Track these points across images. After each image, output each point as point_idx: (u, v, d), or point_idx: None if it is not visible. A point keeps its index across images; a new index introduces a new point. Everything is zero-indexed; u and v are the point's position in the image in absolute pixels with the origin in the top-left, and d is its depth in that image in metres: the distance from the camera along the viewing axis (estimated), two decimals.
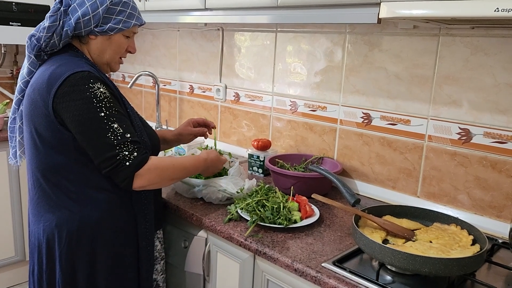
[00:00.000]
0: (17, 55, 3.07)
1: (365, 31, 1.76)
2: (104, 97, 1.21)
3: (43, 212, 1.31)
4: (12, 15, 2.64)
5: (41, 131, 1.25)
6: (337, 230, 1.45)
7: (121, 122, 1.23)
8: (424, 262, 1.07)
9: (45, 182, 1.29)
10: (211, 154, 1.51)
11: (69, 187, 1.28)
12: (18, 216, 2.61)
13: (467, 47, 1.50)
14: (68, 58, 1.29)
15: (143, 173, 1.23)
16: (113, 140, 1.20)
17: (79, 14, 1.27)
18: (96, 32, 1.31)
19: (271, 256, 1.27)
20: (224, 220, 1.45)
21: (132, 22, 1.36)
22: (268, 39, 2.14)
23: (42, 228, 1.31)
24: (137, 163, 1.22)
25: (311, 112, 2.00)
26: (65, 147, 1.25)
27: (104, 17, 1.30)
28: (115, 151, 1.20)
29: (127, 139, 1.22)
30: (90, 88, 1.20)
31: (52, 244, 1.31)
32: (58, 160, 1.26)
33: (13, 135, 1.46)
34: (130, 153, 1.21)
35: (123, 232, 1.35)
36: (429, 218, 1.37)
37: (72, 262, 1.31)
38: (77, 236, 1.29)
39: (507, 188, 1.47)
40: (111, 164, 1.20)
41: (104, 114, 1.20)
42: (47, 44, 1.29)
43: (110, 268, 1.34)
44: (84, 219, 1.29)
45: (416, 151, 1.67)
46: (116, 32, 1.34)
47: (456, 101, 1.55)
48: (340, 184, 1.50)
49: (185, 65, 2.62)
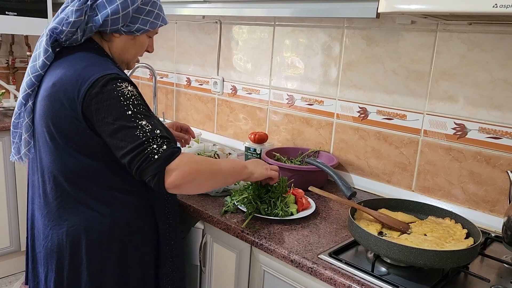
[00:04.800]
0: (13, 45, 3.06)
1: (363, 26, 1.77)
2: (132, 95, 1.16)
3: (67, 216, 1.24)
4: (9, 4, 2.62)
5: (66, 133, 1.19)
6: (333, 222, 1.47)
7: (149, 119, 1.17)
8: (419, 254, 1.09)
9: (70, 186, 1.23)
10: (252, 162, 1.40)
11: (98, 190, 1.23)
12: (13, 206, 2.61)
13: (464, 43, 1.52)
14: (94, 57, 1.23)
15: (175, 167, 1.13)
16: (141, 136, 1.13)
17: (108, 12, 1.21)
18: (122, 31, 1.26)
19: (268, 248, 1.29)
20: (221, 212, 1.46)
21: (159, 23, 1.32)
22: (266, 32, 2.14)
23: (66, 232, 1.24)
24: (166, 155, 1.13)
25: (308, 106, 2.01)
26: (93, 151, 1.20)
27: (133, 17, 1.25)
28: (143, 146, 1.12)
29: (157, 134, 1.15)
30: (118, 87, 1.15)
31: (77, 248, 1.24)
32: (85, 164, 1.21)
33: (17, 131, 1.36)
34: (159, 146, 1.13)
35: (147, 234, 1.32)
36: (424, 212, 1.39)
37: (102, 265, 1.25)
38: (108, 238, 1.25)
39: (500, 183, 1.49)
40: (140, 159, 1.12)
41: (132, 112, 1.14)
42: (68, 38, 1.23)
43: (138, 271, 1.31)
44: (115, 222, 1.25)
45: (411, 146, 1.69)
46: (142, 33, 1.30)
47: (452, 97, 1.57)
48: (336, 177, 1.51)
49: (182, 57, 2.62)
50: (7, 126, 2.48)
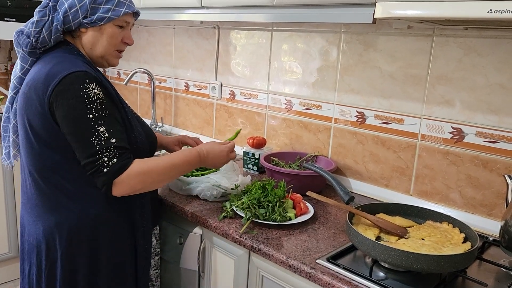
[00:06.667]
0: (12, 50, 3.06)
1: (360, 30, 1.78)
2: (97, 98, 1.19)
3: (42, 213, 1.29)
4: (7, 10, 2.63)
5: (37, 130, 1.23)
6: (331, 227, 1.47)
7: (109, 125, 1.20)
8: (416, 259, 1.09)
9: (43, 182, 1.27)
10: (206, 145, 1.45)
11: (67, 186, 1.26)
12: (12, 212, 2.60)
13: (460, 47, 1.52)
14: (64, 56, 1.26)
15: (123, 180, 1.19)
16: (96, 144, 1.17)
17: (65, 7, 1.24)
18: (85, 24, 1.27)
19: (266, 253, 1.29)
20: (219, 217, 1.46)
21: (122, 10, 1.30)
22: (264, 37, 2.15)
23: (42, 229, 1.28)
24: (115, 170, 1.18)
25: (306, 110, 2.01)
26: (61, 145, 1.22)
27: (92, 7, 1.26)
28: (96, 156, 1.17)
29: (111, 144, 1.18)
30: (84, 88, 1.17)
31: (52, 245, 1.28)
32: (55, 159, 1.24)
33: (7, 135, 1.42)
34: (109, 159, 1.18)
35: (121, 228, 1.34)
36: (421, 216, 1.39)
37: (73, 260, 1.29)
38: (77, 233, 1.27)
39: (498, 186, 1.49)
40: (91, 169, 1.18)
41: (93, 116, 1.18)
42: (37, 40, 1.26)
43: (110, 265, 1.33)
44: (82, 216, 1.27)
45: (409, 150, 1.69)
46: (106, 22, 1.29)
47: (449, 101, 1.57)
48: (334, 182, 1.51)
49: (180, 62, 2.63)
50: None
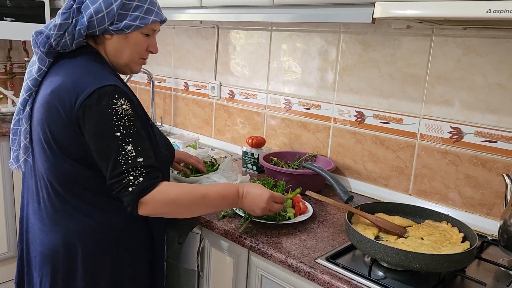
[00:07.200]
0: (11, 50, 3.06)
1: (359, 30, 1.78)
2: (125, 114, 1.15)
3: (63, 222, 1.24)
4: (6, 10, 2.62)
5: (60, 141, 1.19)
6: (330, 226, 1.47)
7: (136, 143, 1.16)
8: (415, 258, 1.09)
9: (65, 192, 1.23)
10: (249, 184, 1.34)
11: (92, 197, 1.23)
12: (11, 212, 2.60)
13: (459, 47, 1.53)
14: (90, 65, 1.22)
15: (148, 201, 1.15)
16: (122, 164, 1.14)
17: (91, 12, 1.19)
18: (111, 30, 1.22)
19: (265, 252, 1.29)
20: (218, 216, 1.47)
21: (151, 18, 1.25)
22: (263, 37, 2.15)
23: (61, 238, 1.24)
24: (140, 189, 1.14)
25: (305, 110, 2.02)
26: (87, 158, 1.19)
27: (119, 14, 1.21)
28: (122, 176, 1.14)
29: (138, 163, 1.15)
30: (113, 104, 1.13)
31: (73, 255, 1.24)
32: (80, 171, 1.21)
33: (16, 138, 1.34)
34: (135, 178, 1.14)
35: (142, 238, 1.33)
36: (420, 216, 1.40)
37: (96, 270, 1.26)
38: (103, 245, 1.25)
39: (496, 186, 1.49)
40: (117, 188, 1.15)
41: (120, 133, 1.14)
42: (58, 43, 1.20)
43: (132, 275, 1.32)
44: (109, 227, 1.25)
45: (408, 150, 1.70)
46: (133, 30, 1.24)
47: (448, 101, 1.57)
48: (333, 181, 1.52)
49: (180, 62, 2.63)
50: (5, 131, 2.48)
